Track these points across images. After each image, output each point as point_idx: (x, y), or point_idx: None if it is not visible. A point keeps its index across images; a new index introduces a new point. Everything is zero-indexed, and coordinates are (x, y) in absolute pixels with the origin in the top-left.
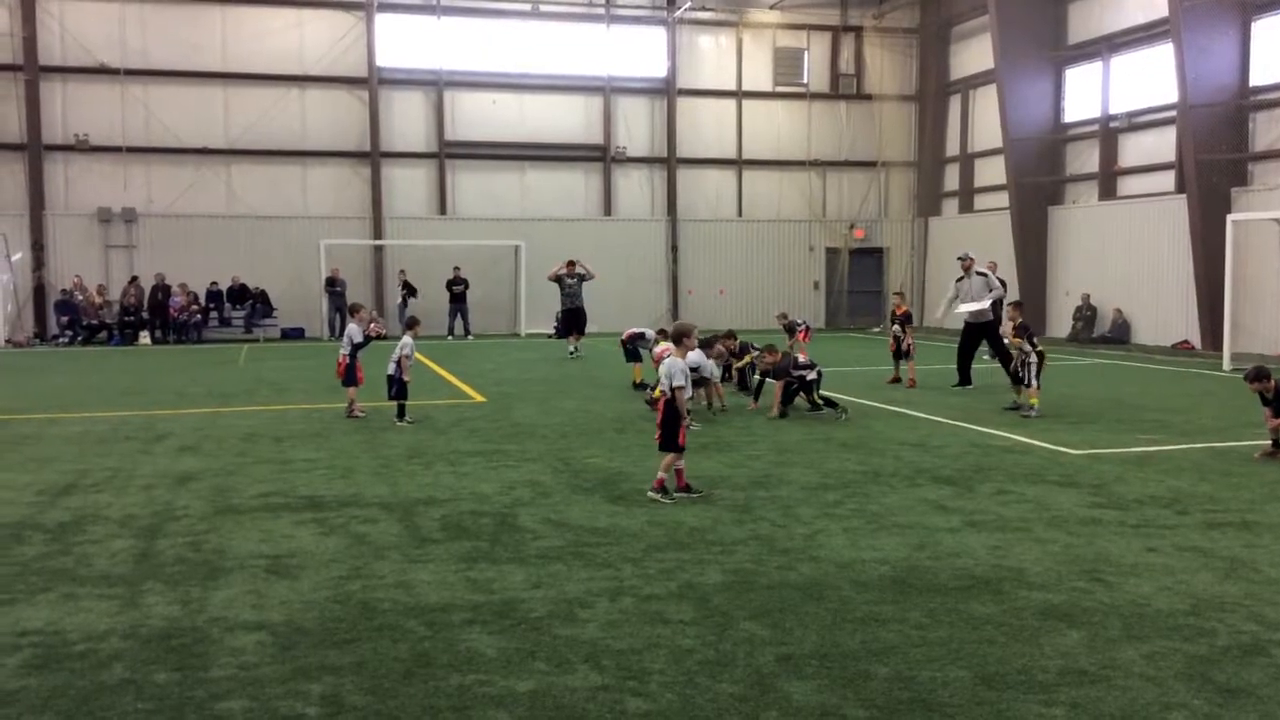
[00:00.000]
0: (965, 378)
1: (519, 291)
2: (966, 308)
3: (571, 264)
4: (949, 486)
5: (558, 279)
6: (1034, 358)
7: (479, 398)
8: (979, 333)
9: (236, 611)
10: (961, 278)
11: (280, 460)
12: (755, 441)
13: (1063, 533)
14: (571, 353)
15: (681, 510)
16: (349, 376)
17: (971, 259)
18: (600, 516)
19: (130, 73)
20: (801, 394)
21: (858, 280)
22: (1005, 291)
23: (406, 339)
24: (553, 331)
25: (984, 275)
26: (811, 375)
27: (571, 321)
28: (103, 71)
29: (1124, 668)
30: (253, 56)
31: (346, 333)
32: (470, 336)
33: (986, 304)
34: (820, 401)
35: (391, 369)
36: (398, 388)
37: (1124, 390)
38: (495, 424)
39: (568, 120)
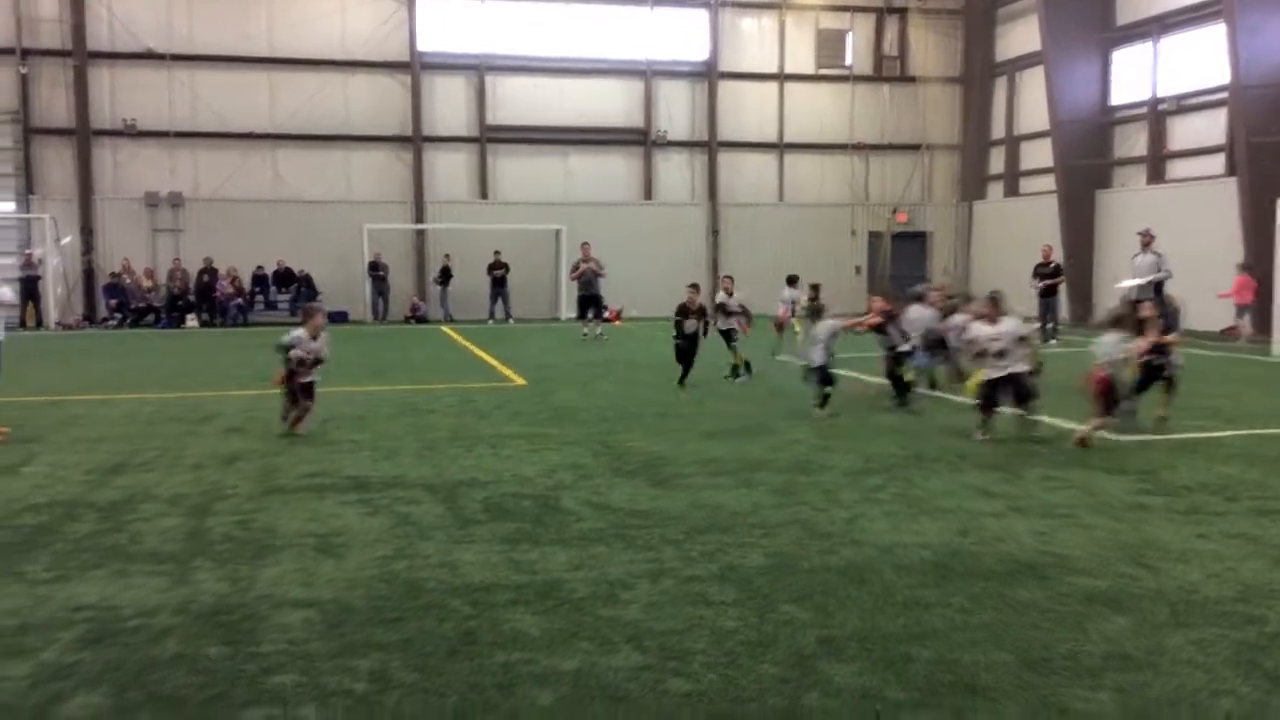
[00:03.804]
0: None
1: (560, 275)
2: (1128, 283)
3: (586, 246)
4: (993, 472)
5: (580, 274)
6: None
7: (520, 381)
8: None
9: (285, 589)
10: (1137, 254)
11: (325, 442)
12: (796, 426)
13: (1109, 519)
14: (585, 335)
15: (723, 494)
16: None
17: (1152, 235)
18: (642, 499)
19: (177, 58)
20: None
21: (900, 265)
22: (1172, 277)
23: (297, 332)
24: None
25: (1158, 256)
26: (904, 346)
27: (586, 306)
28: (150, 57)
29: (1171, 654)
30: (297, 42)
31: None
32: (511, 320)
33: (1146, 280)
34: (909, 383)
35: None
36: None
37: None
38: (536, 407)
39: (609, 104)
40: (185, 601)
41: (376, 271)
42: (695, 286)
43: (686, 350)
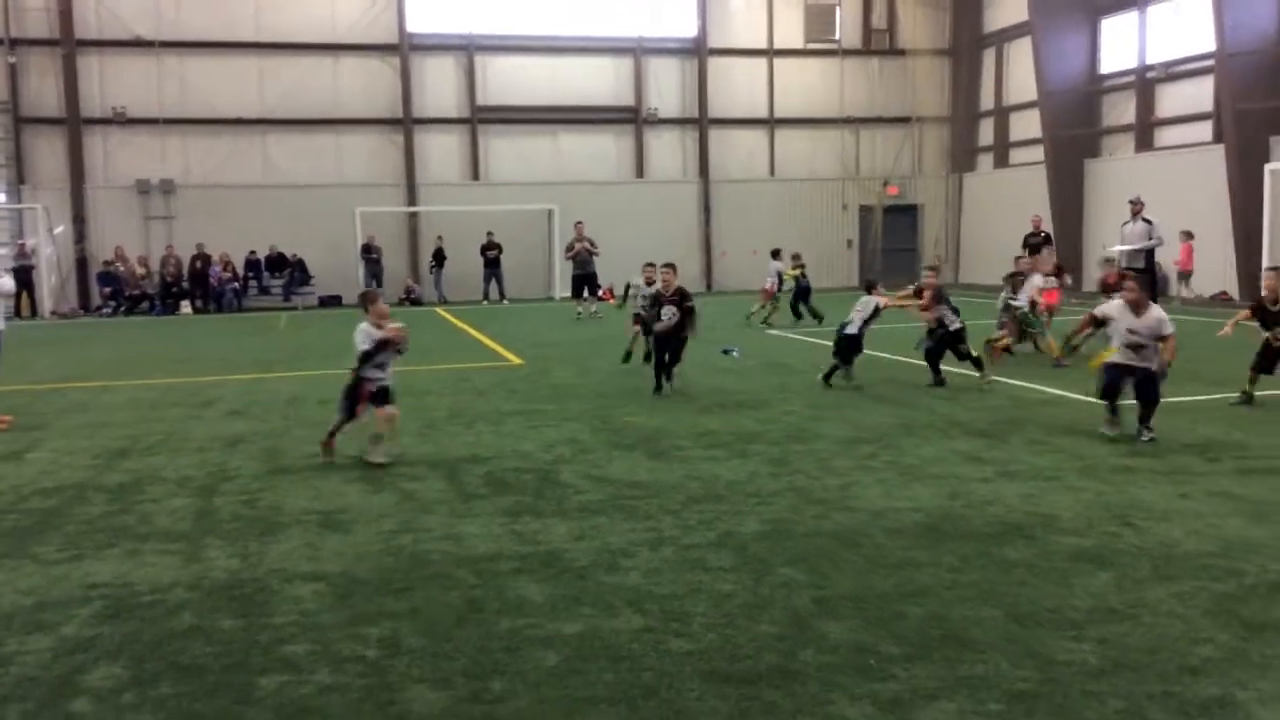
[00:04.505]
0: None
1: (553, 255)
2: (1121, 248)
3: (580, 225)
4: (982, 438)
5: (575, 253)
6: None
7: (516, 360)
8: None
9: (294, 563)
10: (1127, 221)
11: (326, 422)
12: (790, 398)
13: (1095, 481)
14: (579, 314)
15: (719, 465)
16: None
17: (1142, 203)
18: (640, 471)
19: (165, 45)
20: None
21: (892, 238)
22: (1163, 244)
23: (363, 326)
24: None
25: (1149, 223)
26: (956, 324)
27: (581, 285)
28: (138, 44)
29: (1152, 606)
30: (285, 26)
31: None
32: (505, 301)
33: (1136, 248)
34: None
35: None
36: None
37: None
38: (534, 385)
39: (599, 82)
40: (198, 577)
41: (369, 255)
42: (671, 267)
43: (660, 344)
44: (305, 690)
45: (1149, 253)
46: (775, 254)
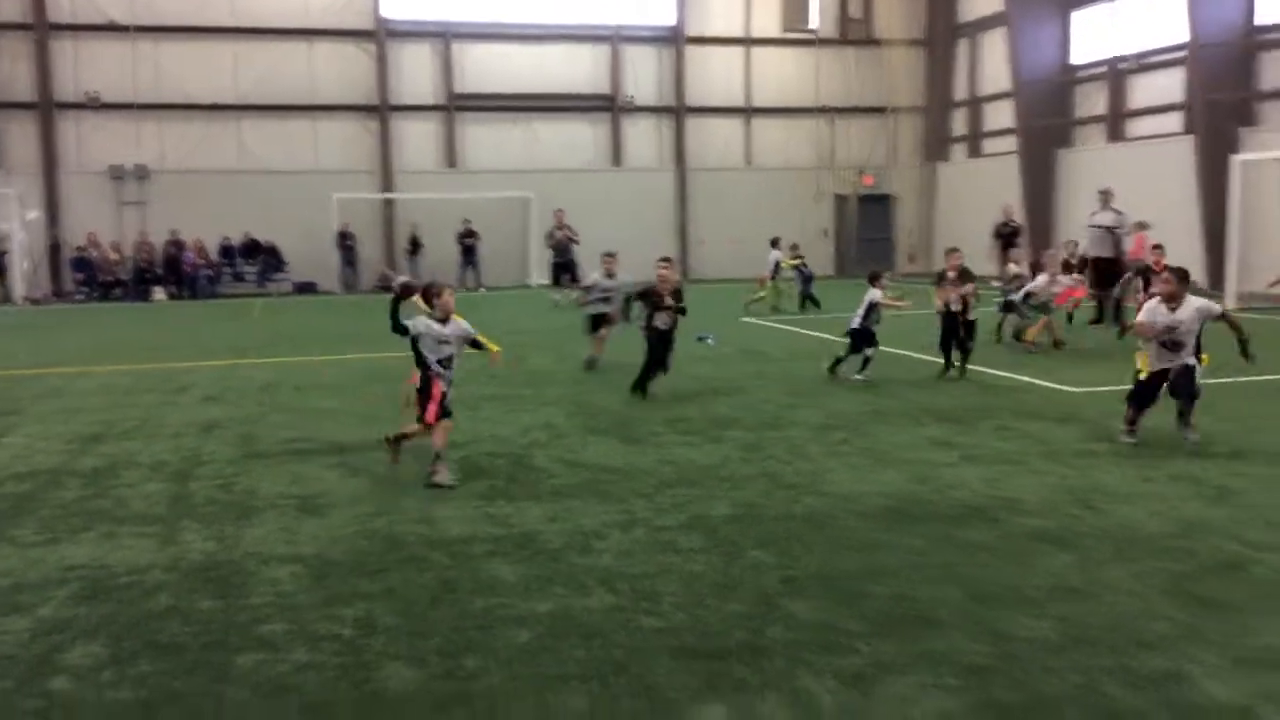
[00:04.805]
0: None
1: (529, 243)
2: (1096, 223)
3: (560, 213)
4: (951, 424)
5: (556, 241)
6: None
7: (493, 347)
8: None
9: (270, 546)
10: (1096, 211)
11: (302, 409)
12: (765, 386)
13: (1059, 465)
14: (556, 302)
15: (693, 450)
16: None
17: (1111, 193)
18: (614, 456)
19: (140, 29)
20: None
21: (867, 227)
22: (1128, 233)
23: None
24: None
25: (1119, 213)
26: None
27: (561, 273)
28: (112, 28)
29: (1111, 585)
30: (260, 10)
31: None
32: (482, 289)
33: (1099, 224)
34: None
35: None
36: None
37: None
38: (510, 371)
39: (576, 70)
40: (174, 560)
41: (345, 242)
42: (668, 261)
43: (657, 346)
44: (282, 668)
45: (1116, 241)
46: (774, 243)
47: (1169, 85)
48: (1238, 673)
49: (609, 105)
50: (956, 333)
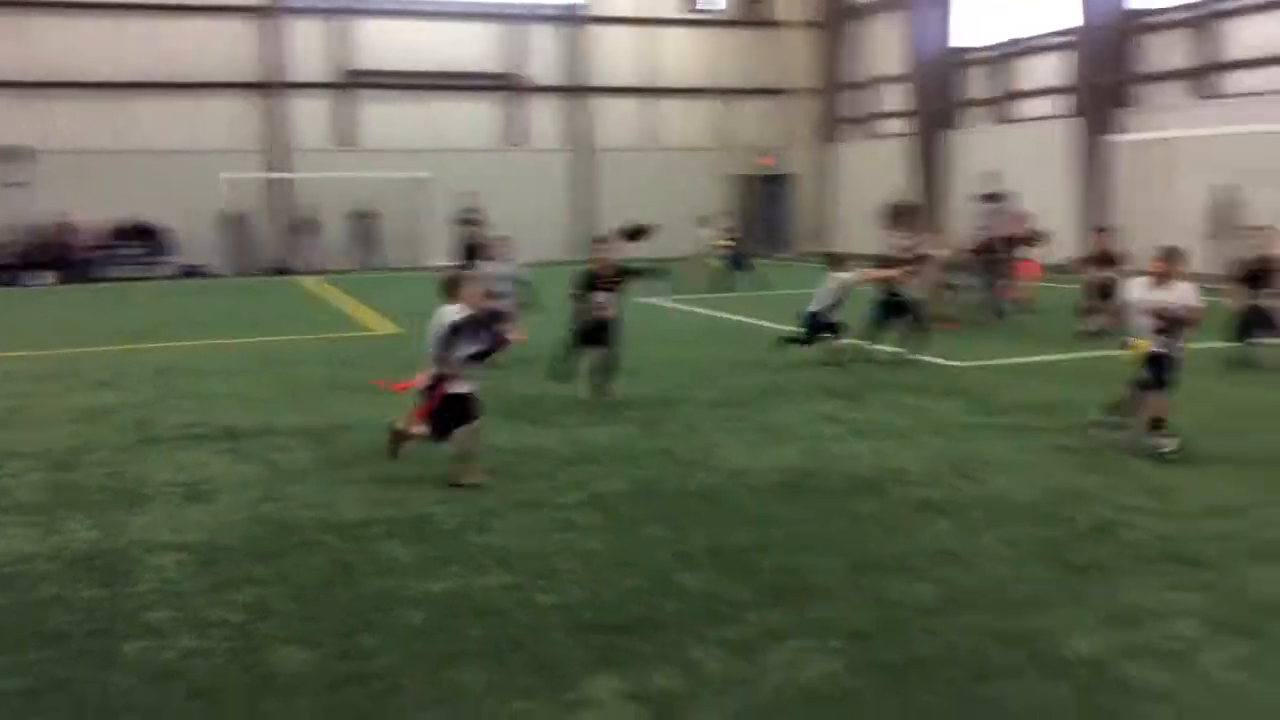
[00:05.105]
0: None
1: (427, 224)
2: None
3: (471, 195)
4: (843, 400)
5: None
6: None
7: (394, 329)
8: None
9: (156, 534)
10: (981, 193)
11: (195, 394)
12: (670, 367)
13: (942, 437)
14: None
15: (593, 430)
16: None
17: (997, 175)
18: (516, 437)
19: (18, 5)
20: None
21: (767, 208)
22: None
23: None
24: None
25: (1002, 197)
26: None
27: (470, 254)
28: None
29: (988, 551)
30: None
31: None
32: (380, 270)
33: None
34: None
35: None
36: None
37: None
38: (410, 354)
39: (477, 48)
40: (58, 549)
41: (235, 222)
42: (603, 240)
43: (593, 332)
44: (169, 655)
45: (1003, 221)
46: (702, 221)
47: (1055, 69)
48: (1102, 629)
49: (510, 84)
50: (896, 312)
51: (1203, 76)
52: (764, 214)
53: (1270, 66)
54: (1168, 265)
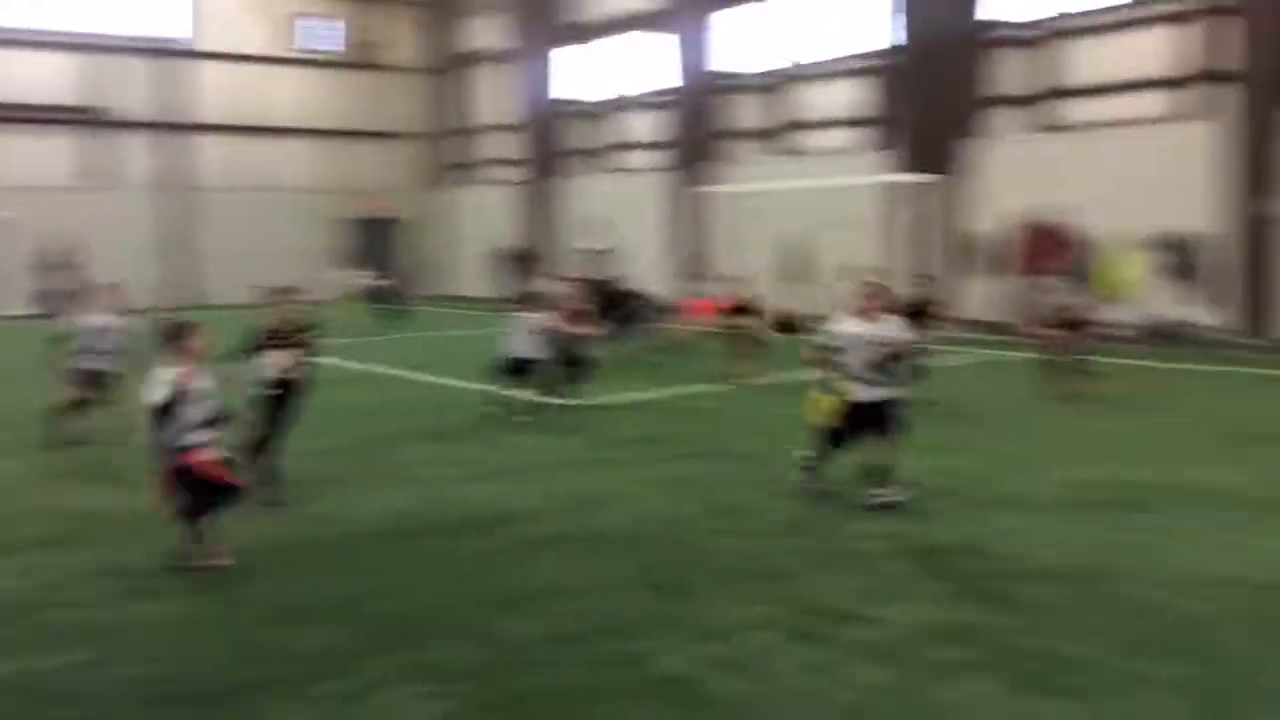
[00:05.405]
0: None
1: (8, 268)
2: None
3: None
4: (456, 443)
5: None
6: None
7: None
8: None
9: None
10: (587, 240)
11: None
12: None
13: (557, 473)
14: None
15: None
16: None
17: (600, 224)
18: (99, 500)
19: None
20: None
21: (372, 251)
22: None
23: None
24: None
25: (607, 242)
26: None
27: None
28: None
29: (591, 582)
30: None
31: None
32: None
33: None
34: None
35: None
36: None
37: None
38: None
39: (57, 80)
40: None
41: None
42: (286, 291)
43: (277, 402)
44: None
45: (608, 265)
46: (336, 264)
47: (654, 124)
48: (690, 647)
49: (97, 119)
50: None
51: (778, 136)
52: (371, 256)
53: (837, 128)
54: (874, 301)
